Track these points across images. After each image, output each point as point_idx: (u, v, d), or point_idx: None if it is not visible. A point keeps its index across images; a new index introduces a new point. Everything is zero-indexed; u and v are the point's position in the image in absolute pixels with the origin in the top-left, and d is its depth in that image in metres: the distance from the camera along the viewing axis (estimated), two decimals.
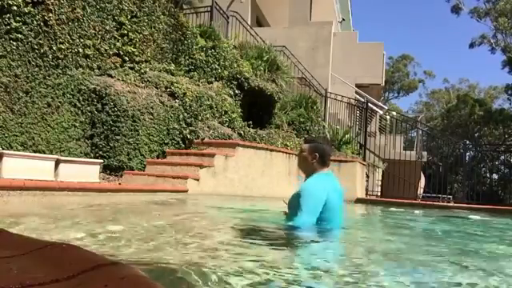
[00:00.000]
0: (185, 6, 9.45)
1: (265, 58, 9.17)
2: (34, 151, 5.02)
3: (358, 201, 8.13)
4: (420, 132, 12.17)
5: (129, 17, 6.77)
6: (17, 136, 4.93)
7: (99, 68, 6.23)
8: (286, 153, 7.68)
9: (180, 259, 1.66)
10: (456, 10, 29.36)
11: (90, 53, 6.05)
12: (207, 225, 3.10)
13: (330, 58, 13.71)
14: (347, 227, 2.94)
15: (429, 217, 5.92)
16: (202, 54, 8.12)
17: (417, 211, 6.63)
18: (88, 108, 5.84)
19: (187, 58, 7.96)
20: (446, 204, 8.70)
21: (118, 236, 2.11)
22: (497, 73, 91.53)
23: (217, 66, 8.18)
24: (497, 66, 59.71)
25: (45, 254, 1.05)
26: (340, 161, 8.41)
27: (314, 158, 2.76)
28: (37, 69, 5.24)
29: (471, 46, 30.46)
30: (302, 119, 9.45)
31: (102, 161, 5.58)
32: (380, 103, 15.49)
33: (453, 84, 40.52)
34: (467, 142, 14.59)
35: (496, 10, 27.62)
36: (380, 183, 10.69)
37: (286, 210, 2.85)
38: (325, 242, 2.46)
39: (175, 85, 6.98)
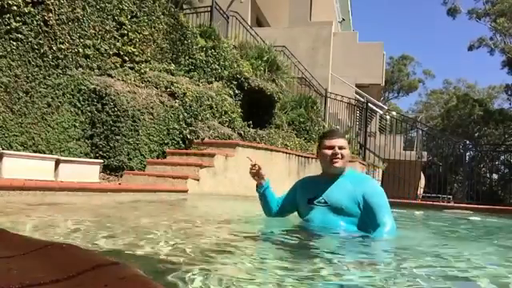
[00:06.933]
0: (185, 6, 9.46)
1: (265, 58, 9.17)
2: (34, 151, 5.01)
3: None
4: (420, 132, 12.16)
5: (129, 17, 6.77)
6: (17, 136, 4.93)
7: (99, 68, 6.23)
8: (286, 153, 7.67)
9: None
10: (452, 12, 29.26)
11: (90, 53, 6.05)
12: None
13: (330, 58, 13.71)
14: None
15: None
16: (202, 54, 8.12)
17: (417, 212, 6.59)
18: (88, 108, 5.84)
19: (187, 58, 7.95)
20: (445, 204, 8.70)
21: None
22: (496, 72, 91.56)
23: (217, 66, 8.18)
24: (496, 66, 59.70)
25: (45, 254, 1.05)
26: None
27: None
28: (37, 69, 5.23)
29: (470, 49, 30.46)
30: (301, 119, 9.45)
31: (101, 161, 5.58)
32: (380, 103, 15.48)
33: (452, 83, 40.55)
34: (467, 141, 14.58)
35: (493, 11, 27.56)
36: (380, 183, 10.69)
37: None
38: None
39: (175, 85, 6.98)
